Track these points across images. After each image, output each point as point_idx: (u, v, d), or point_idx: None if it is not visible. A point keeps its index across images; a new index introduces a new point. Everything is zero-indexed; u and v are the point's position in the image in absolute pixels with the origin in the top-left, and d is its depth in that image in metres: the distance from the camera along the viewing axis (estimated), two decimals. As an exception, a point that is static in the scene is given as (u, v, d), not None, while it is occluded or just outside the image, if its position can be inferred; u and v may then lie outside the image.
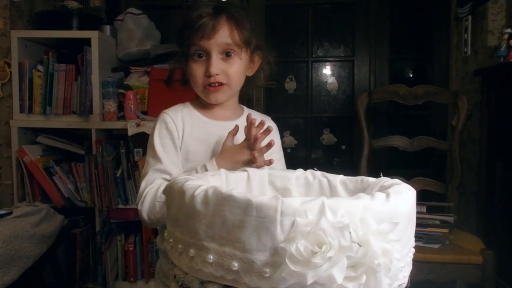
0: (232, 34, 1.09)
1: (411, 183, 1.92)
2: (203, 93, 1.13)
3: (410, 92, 1.91)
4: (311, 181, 0.76)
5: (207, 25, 1.07)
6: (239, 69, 1.12)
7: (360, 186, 0.71)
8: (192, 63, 1.11)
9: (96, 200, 2.13)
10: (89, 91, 2.12)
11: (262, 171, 0.78)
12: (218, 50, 1.09)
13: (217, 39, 1.08)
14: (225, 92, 1.12)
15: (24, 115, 2.16)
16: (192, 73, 1.11)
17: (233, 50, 1.10)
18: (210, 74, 1.08)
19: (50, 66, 2.13)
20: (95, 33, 2.11)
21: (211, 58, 1.08)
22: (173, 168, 1.10)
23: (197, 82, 1.11)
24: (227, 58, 1.10)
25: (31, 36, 2.17)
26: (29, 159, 2.12)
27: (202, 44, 1.08)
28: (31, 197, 2.17)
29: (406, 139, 1.93)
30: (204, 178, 0.69)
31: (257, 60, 1.19)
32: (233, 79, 1.12)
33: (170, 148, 1.13)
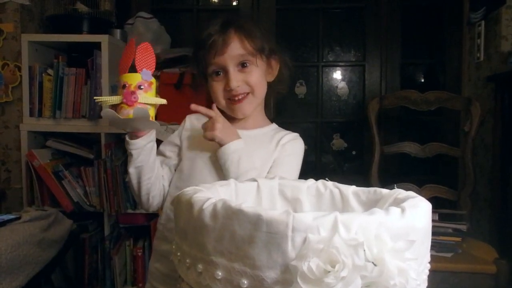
0: (244, 45, 1.10)
1: (422, 190, 1.91)
2: (229, 108, 1.13)
3: (422, 97, 1.89)
4: (322, 191, 0.74)
5: (217, 42, 1.08)
6: (259, 76, 1.12)
7: (373, 197, 0.69)
8: (212, 82, 1.13)
9: (105, 204, 2.12)
10: (99, 95, 2.10)
11: (272, 181, 0.76)
12: (233, 63, 1.10)
13: (230, 52, 1.09)
14: (250, 101, 1.13)
15: (33, 119, 2.16)
16: (214, 91, 1.12)
17: (248, 60, 1.10)
18: (231, 88, 1.08)
19: (60, 70, 2.13)
20: (105, 37, 2.10)
21: (229, 73, 1.09)
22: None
23: (219, 98, 1.12)
24: (244, 68, 1.11)
25: (41, 40, 2.17)
26: (39, 163, 2.11)
27: (217, 61, 1.09)
28: (40, 201, 2.16)
29: (418, 145, 1.90)
30: (213, 189, 0.68)
31: (275, 64, 1.18)
32: (255, 87, 1.12)
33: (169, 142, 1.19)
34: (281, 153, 1.14)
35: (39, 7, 2.26)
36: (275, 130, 1.22)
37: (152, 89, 0.98)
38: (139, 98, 0.94)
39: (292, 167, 1.15)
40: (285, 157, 1.13)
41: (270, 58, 1.17)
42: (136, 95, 0.93)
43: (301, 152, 1.19)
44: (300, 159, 1.18)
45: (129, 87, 0.94)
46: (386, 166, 2.19)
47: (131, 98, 0.92)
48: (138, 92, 0.94)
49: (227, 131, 1.08)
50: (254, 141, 1.14)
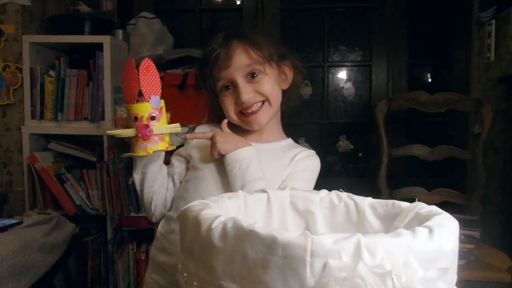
0: (249, 54, 1.05)
1: (431, 194, 1.87)
2: (243, 122, 1.10)
3: (432, 99, 1.84)
4: (336, 203, 0.70)
5: (221, 55, 1.05)
6: (270, 84, 1.08)
7: (391, 211, 0.65)
8: (222, 97, 1.09)
9: (107, 208, 2.09)
10: (101, 96, 2.08)
11: (283, 192, 0.72)
12: (241, 75, 1.06)
13: (235, 64, 1.05)
14: (266, 111, 1.09)
15: (35, 121, 2.12)
16: (225, 106, 1.09)
17: (256, 69, 1.06)
18: (242, 101, 1.05)
19: (62, 71, 2.10)
20: (107, 38, 2.07)
21: (238, 85, 1.05)
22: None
23: (230, 113, 1.09)
24: (254, 78, 1.06)
25: (43, 41, 2.14)
26: (41, 166, 2.08)
27: (224, 75, 1.06)
28: (42, 204, 2.13)
29: (427, 148, 1.86)
30: (221, 202, 0.64)
31: (288, 70, 1.14)
32: (269, 95, 1.08)
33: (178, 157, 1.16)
34: (295, 168, 1.09)
35: (40, 8, 2.22)
36: (290, 145, 1.18)
37: (163, 114, 0.96)
38: (154, 130, 0.93)
39: (305, 183, 1.09)
40: (298, 172, 1.09)
41: (281, 64, 1.11)
42: (151, 128, 0.92)
43: (316, 170, 1.14)
44: (315, 176, 1.13)
45: (141, 119, 0.93)
46: (392, 168, 2.15)
47: (146, 132, 0.92)
48: (151, 123, 0.93)
49: (231, 141, 1.05)
50: (267, 154, 1.10)
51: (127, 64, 0.96)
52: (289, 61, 1.13)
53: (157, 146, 0.94)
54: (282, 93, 1.13)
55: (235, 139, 1.05)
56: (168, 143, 0.98)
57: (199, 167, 1.10)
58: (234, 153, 1.02)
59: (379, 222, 0.66)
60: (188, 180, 1.11)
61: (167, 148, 0.98)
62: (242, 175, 1.00)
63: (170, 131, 0.96)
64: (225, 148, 1.03)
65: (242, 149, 1.03)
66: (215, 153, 1.03)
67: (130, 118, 0.94)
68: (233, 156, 1.02)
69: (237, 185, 1.00)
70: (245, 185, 0.99)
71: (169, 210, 1.14)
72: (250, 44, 1.06)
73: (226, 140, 1.04)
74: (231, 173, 1.02)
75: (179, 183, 1.15)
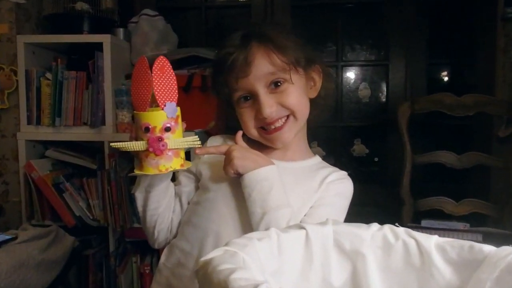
0: (272, 59, 0.90)
1: (459, 205, 1.73)
2: (264, 139, 0.96)
3: (458, 101, 1.71)
4: (392, 242, 0.56)
5: (238, 61, 0.90)
6: (297, 94, 0.93)
7: (468, 256, 0.51)
8: (240, 110, 0.95)
9: (109, 219, 1.96)
10: (101, 100, 1.95)
11: (325, 228, 0.58)
12: (262, 84, 0.91)
13: (256, 72, 0.90)
14: (291, 127, 0.94)
15: (32, 127, 1.99)
16: (243, 120, 0.95)
17: (280, 77, 0.91)
18: (264, 116, 0.90)
19: (59, 73, 1.96)
20: (107, 37, 1.93)
21: (259, 97, 0.90)
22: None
23: (249, 128, 0.95)
24: (277, 88, 0.91)
25: (38, 41, 2.01)
26: (37, 175, 1.95)
27: (242, 85, 0.91)
28: (40, 216, 2.00)
29: (454, 155, 1.72)
30: (250, 246, 0.50)
31: (316, 76, 0.98)
32: (295, 108, 0.92)
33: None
34: (326, 192, 0.95)
35: (36, 6, 2.09)
36: (319, 164, 1.02)
37: (179, 124, 0.83)
38: (168, 144, 0.80)
39: (337, 211, 0.95)
40: (330, 198, 0.94)
41: (309, 69, 0.96)
42: (165, 142, 0.79)
43: (350, 195, 0.99)
44: (348, 202, 0.98)
45: (153, 130, 0.80)
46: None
47: (159, 146, 0.79)
48: (165, 136, 0.80)
49: (250, 157, 0.90)
50: (292, 176, 0.95)
51: (139, 63, 0.82)
52: (318, 65, 0.98)
53: (171, 163, 0.81)
54: (309, 103, 0.98)
55: (255, 156, 0.91)
56: (183, 160, 0.85)
57: (210, 187, 0.96)
58: (254, 172, 0.88)
59: (450, 270, 0.52)
60: (197, 203, 0.98)
61: (182, 166, 0.84)
62: (263, 200, 0.86)
63: (187, 146, 0.83)
64: (243, 165, 0.88)
65: (263, 168, 0.88)
66: (230, 171, 0.89)
67: (140, 128, 0.80)
68: (252, 176, 0.88)
69: (257, 212, 0.86)
70: (266, 213, 0.85)
71: (174, 235, 1.00)
72: (273, 47, 0.90)
73: (244, 155, 0.89)
74: (250, 197, 0.88)
75: (187, 204, 1.01)
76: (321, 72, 0.99)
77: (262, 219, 0.85)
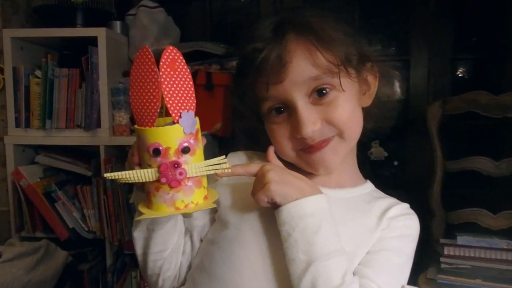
0: (315, 59, 0.68)
1: (498, 218, 1.55)
2: (303, 162, 0.75)
3: (496, 101, 1.52)
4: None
5: (269, 61, 0.68)
6: (349, 106, 0.71)
7: None
8: (270, 125, 0.75)
9: (105, 231, 1.79)
10: (96, 100, 1.77)
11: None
12: (302, 93, 0.69)
13: (293, 76, 0.68)
14: (336, 148, 0.72)
15: (20, 129, 1.82)
16: (276, 140, 0.74)
17: (327, 83, 0.69)
18: (304, 135, 0.69)
19: (50, 71, 1.79)
20: (102, 31, 1.75)
21: (297, 109, 0.69)
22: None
23: (285, 150, 0.74)
24: (322, 98, 0.70)
25: (27, 35, 1.83)
26: (27, 183, 1.79)
27: (273, 94, 0.71)
28: (30, 227, 1.84)
29: (491, 161, 1.55)
30: None
31: (371, 78, 0.76)
32: (345, 126, 0.71)
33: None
34: (388, 232, 0.74)
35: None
36: (373, 193, 0.82)
37: (199, 141, 0.63)
38: (187, 171, 0.60)
39: (404, 258, 0.74)
40: (393, 240, 0.73)
41: (361, 69, 0.74)
42: (183, 169, 0.59)
43: (417, 235, 0.78)
44: (415, 245, 0.77)
45: (166, 153, 0.59)
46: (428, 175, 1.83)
47: (175, 176, 0.59)
48: (183, 159, 0.60)
49: (292, 181, 0.68)
50: (343, 208, 0.74)
51: (141, 56, 0.61)
52: (373, 62, 0.77)
53: (192, 196, 0.61)
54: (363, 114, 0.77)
55: (298, 180, 0.69)
56: (206, 189, 0.65)
57: (231, 221, 0.74)
58: (297, 204, 0.66)
59: None
60: (213, 242, 0.76)
61: (205, 199, 0.64)
62: (309, 243, 0.64)
63: (212, 171, 0.63)
64: (283, 192, 0.66)
65: (309, 199, 0.67)
66: (264, 199, 0.67)
67: (146, 150, 0.60)
68: (294, 209, 0.66)
69: (299, 260, 0.65)
70: (313, 262, 0.64)
71: (182, 283, 0.80)
72: (318, 42, 0.68)
73: (284, 179, 0.67)
74: (289, 238, 0.66)
75: (200, 242, 0.80)
76: (377, 72, 0.77)
77: (307, 270, 0.63)
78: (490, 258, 1.44)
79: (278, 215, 0.67)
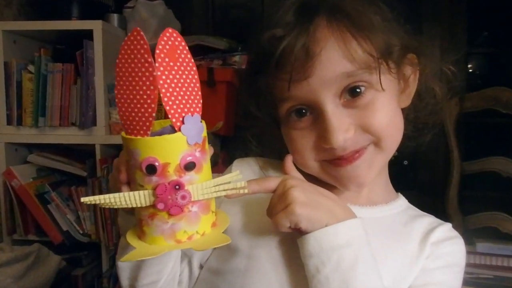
0: (351, 50, 0.54)
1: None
2: (327, 176, 0.62)
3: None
4: None
5: (292, 53, 0.54)
6: (389, 109, 0.58)
7: None
8: (289, 130, 0.61)
9: (101, 235, 1.70)
10: (92, 96, 1.69)
11: None
12: (332, 93, 0.56)
13: (322, 72, 0.54)
14: (371, 160, 0.58)
15: (12, 127, 1.74)
16: (296, 148, 0.61)
17: (363, 81, 0.56)
18: (333, 145, 0.56)
19: (43, 66, 1.70)
20: (98, 23, 1.66)
21: (325, 114, 0.56)
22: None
23: (307, 160, 0.61)
24: (356, 99, 0.56)
25: (20, 28, 1.74)
26: (19, 183, 1.70)
27: (296, 93, 0.56)
28: (22, 230, 1.75)
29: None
30: None
31: (411, 73, 0.62)
32: (384, 133, 0.57)
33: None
34: (432, 262, 0.62)
35: (18, -11, 1.83)
36: (408, 211, 0.69)
37: (206, 152, 0.50)
38: (192, 193, 0.47)
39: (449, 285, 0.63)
40: (439, 272, 0.61)
41: (401, 63, 0.60)
42: (186, 192, 0.47)
43: (464, 266, 0.66)
44: (462, 278, 0.65)
45: (164, 171, 0.46)
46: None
47: (176, 200, 0.47)
48: (186, 178, 0.47)
49: (323, 202, 0.55)
50: (378, 232, 0.61)
51: (129, 42, 0.46)
52: (415, 54, 0.61)
53: (197, 225, 0.49)
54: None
55: (327, 200, 0.56)
56: (214, 214, 0.52)
57: (241, 247, 0.61)
58: (328, 231, 0.53)
59: None
60: (218, 272, 0.63)
61: (213, 226, 0.51)
62: (343, 281, 0.52)
63: (223, 192, 0.50)
64: (311, 217, 0.53)
65: (343, 225, 0.54)
66: (285, 223, 0.53)
67: (137, 166, 0.47)
68: (324, 238, 0.53)
69: None
70: None
71: None
72: (355, 28, 0.54)
73: (311, 199, 0.54)
74: (318, 274, 0.53)
75: (200, 269, 0.67)
76: (418, 66, 0.62)
77: None
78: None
79: (303, 244, 0.54)
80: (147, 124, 0.46)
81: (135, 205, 0.47)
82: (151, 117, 0.46)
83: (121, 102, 0.48)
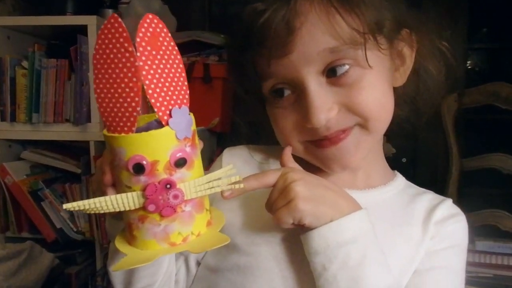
0: (335, 24, 0.51)
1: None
2: (312, 156, 0.59)
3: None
4: None
5: (271, 27, 0.52)
6: (376, 89, 0.55)
7: None
8: (272, 109, 0.59)
9: (95, 232, 1.68)
10: (86, 93, 1.67)
11: None
12: (315, 70, 0.53)
13: (303, 48, 0.51)
14: (358, 142, 0.56)
15: (6, 124, 1.72)
16: (279, 128, 0.59)
17: (348, 58, 0.52)
18: (314, 125, 0.53)
19: (37, 61, 1.69)
20: (92, 19, 1.64)
21: (307, 91, 0.53)
22: None
23: (290, 140, 0.58)
24: (340, 76, 0.53)
25: (13, 23, 1.73)
26: (12, 180, 1.69)
27: (277, 70, 0.54)
28: (15, 227, 1.74)
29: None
30: None
31: (407, 48, 0.58)
32: (371, 114, 0.54)
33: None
34: (437, 243, 0.59)
35: (12, -16, 1.81)
36: (407, 189, 0.66)
37: (197, 147, 0.47)
38: (184, 192, 0.45)
39: (457, 277, 0.61)
40: (444, 254, 0.59)
41: (395, 39, 0.56)
42: (178, 191, 0.44)
43: (467, 244, 0.63)
44: (465, 257, 0.62)
45: (153, 169, 0.43)
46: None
47: (168, 201, 0.44)
48: (177, 176, 0.44)
49: (326, 195, 0.52)
50: (380, 217, 0.57)
51: (106, 30, 0.44)
52: (411, 29, 0.58)
53: (191, 225, 0.46)
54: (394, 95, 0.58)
55: (331, 192, 0.53)
56: (209, 213, 0.50)
57: (240, 244, 0.59)
58: (333, 226, 0.51)
59: None
60: (216, 270, 0.60)
61: (209, 224, 0.49)
62: (353, 279, 0.50)
63: (218, 189, 0.48)
64: (316, 212, 0.50)
65: (349, 219, 0.51)
66: (288, 220, 0.51)
67: (124, 166, 0.44)
68: (329, 235, 0.50)
69: None
70: None
71: None
72: (339, 1, 0.51)
73: (315, 193, 0.51)
74: (325, 272, 0.51)
75: (197, 266, 0.64)
76: (415, 42, 0.59)
77: None
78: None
79: (308, 241, 0.51)
80: (131, 119, 0.43)
81: (123, 209, 0.44)
82: (135, 111, 0.43)
83: (101, 97, 0.45)
